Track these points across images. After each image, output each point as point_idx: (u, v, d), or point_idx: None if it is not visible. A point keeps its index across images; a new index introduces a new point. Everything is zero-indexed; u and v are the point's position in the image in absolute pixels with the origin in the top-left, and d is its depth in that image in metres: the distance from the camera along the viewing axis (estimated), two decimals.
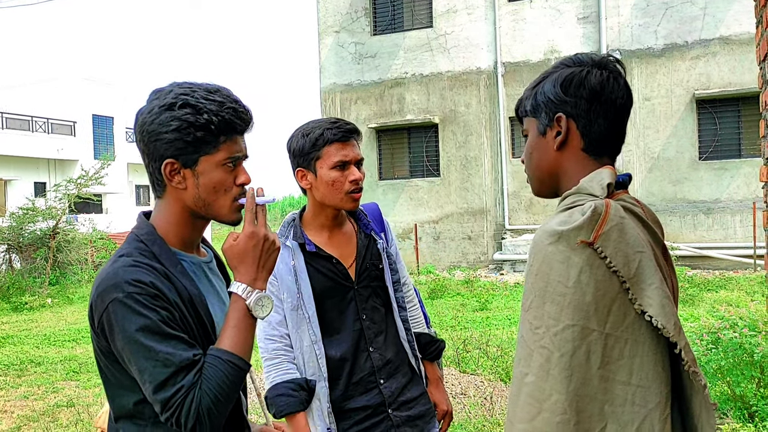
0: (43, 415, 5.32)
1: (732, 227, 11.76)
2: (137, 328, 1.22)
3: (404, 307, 2.19)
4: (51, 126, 27.27)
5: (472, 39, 13.64)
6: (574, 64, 1.28)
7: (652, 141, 12.20)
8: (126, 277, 1.25)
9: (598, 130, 1.26)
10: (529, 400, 1.12)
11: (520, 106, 1.37)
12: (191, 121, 1.31)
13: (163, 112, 1.31)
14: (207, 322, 1.37)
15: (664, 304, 1.10)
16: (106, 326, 1.26)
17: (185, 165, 1.33)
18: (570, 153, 1.28)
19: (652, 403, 1.11)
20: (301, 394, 2.00)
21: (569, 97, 1.25)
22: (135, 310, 1.23)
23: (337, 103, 14.84)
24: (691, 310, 7.85)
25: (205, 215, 1.39)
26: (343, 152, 2.00)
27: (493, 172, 13.52)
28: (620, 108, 1.26)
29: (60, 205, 14.07)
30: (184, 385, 1.22)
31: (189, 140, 1.31)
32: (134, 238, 1.37)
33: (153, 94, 1.38)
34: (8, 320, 10.56)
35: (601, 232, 1.11)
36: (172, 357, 1.22)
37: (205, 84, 1.38)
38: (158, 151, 1.33)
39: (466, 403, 4.95)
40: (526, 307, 1.16)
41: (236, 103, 1.37)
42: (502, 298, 9.98)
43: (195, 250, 1.47)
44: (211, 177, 1.35)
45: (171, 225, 1.39)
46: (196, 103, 1.32)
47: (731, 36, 11.65)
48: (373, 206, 2.31)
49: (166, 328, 1.25)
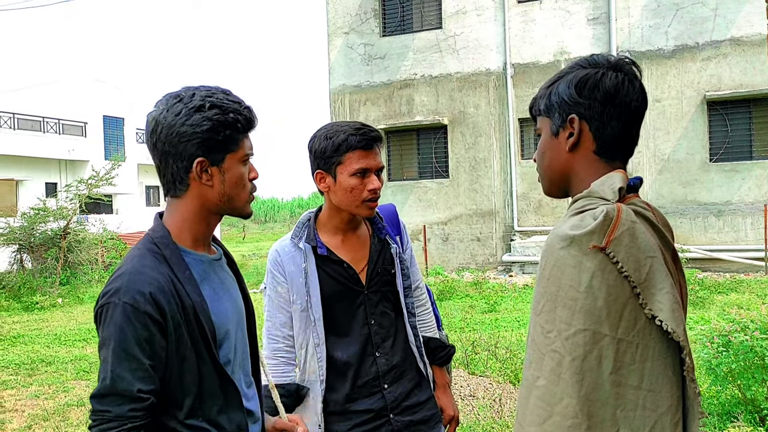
0: (53, 414, 5.36)
1: (743, 230, 11.68)
2: (113, 337, 1.30)
3: (414, 313, 2.19)
4: (62, 127, 27.43)
5: (481, 40, 13.62)
6: (589, 66, 1.28)
7: (663, 143, 12.14)
8: (129, 285, 1.32)
9: (611, 132, 1.25)
10: (539, 404, 1.12)
11: (534, 105, 1.37)
12: (222, 120, 1.40)
13: (193, 114, 1.38)
14: (207, 330, 1.40)
15: (674, 309, 1.10)
16: (98, 319, 1.35)
17: (213, 163, 1.42)
18: (582, 155, 1.27)
19: (663, 407, 1.10)
20: (288, 401, 2.02)
21: (583, 99, 1.25)
22: (120, 320, 1.30)
23: (346, 105, 14.86)
24: (702, 313, 7.81)
25: (226, 209, 1.48)
26: (365, 160, 1.98)
27: (502, 174, 13.50)
28: (634, 111, 1.26)
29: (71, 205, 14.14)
30: (111, 411, 1.28)
31: (219, 139, 1.40)
32: (149, 240, 1.43)
33: (171, 97, 1.42)
34: (19, 320, 10.63)
35: (612, 237, 1.11)
36: (119, 381, 1.29)
37: (218, 87, 1.46)
38: (188, 150, 1.39)
39: (475, 405, 4.94)
40: (538, 311, 1.16)
41: (246, 103, 1.48)
42: (511, 299, 9.96)
43: (206, 248, 1.52)
44: (235, 173, 1.45)
45: (187, 222, 1.46)
46: (221, 104, 1.41)
47: (742, 37, 11.58)
48: (390, 207, 2.29)
49: (137, 350, 1.30)
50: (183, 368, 1.37)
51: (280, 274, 2.08)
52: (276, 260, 2.09)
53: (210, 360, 1.40)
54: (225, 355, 1.46)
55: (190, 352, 1.37)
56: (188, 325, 1.37)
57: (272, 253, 2.12)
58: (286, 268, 2.07)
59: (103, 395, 1.29)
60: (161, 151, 1.41)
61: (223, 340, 1.46)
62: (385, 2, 14.62)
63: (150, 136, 1.42)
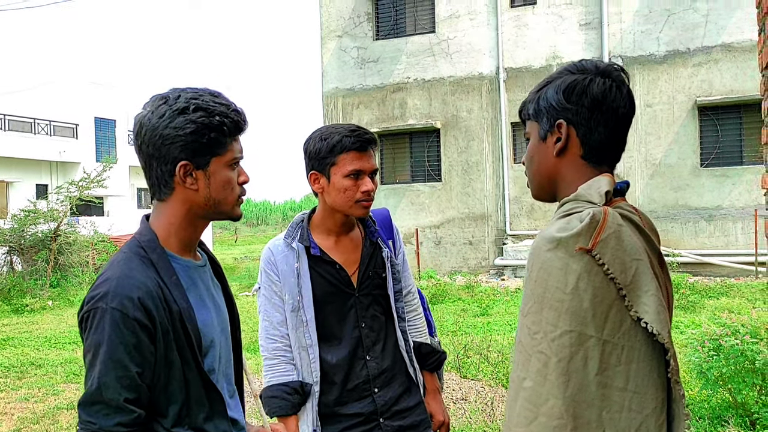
0: (43, 418, 5.32)
1: (733, 234, 11.75)
2: (102, 342, 1.26)
3: (404, 318, 2.18)
4: (53, 128, 27.32)
5: (474, 44, 13.67)
6: (577, 71, 1.29)
7: (654, 148, 12.20)
8: (117, 290, 1.28)
9: (598, 138, 1.26)
10: (526, 405, 1.12)
11: (523, 109, 1.38)
12: (206, 123, 1.36)
13: (177, 116, 1.35)
14: (193, 337, 1.38)
15: (659, 311, 1.11)
16: (82, 325, 1.31)
17: (198, 167, 1.38)
18: (569, 159, 1.28)
19: (648, 409, 1.11)
20: (294, 398, 2.01)
21: (571, 105, 1.26)
22: (110, 325, 1.26)
23: (339, 108, 14.87)
24: (693, 317, 7.84)
25: (213, 213, 1.44)
26: (359, 162, 1.99)
27: (495, 178, 13.53)
28: (622, 117, 1.26)
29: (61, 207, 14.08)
30: (96, 423, 1.25)
31: (204, 142, 1.36)
32: (136, 244, 1.40)
33: (157, 99, 1.39)
34: (9, 322, 10.56)
35: (599, 240, 1.12)
36: (106, 389, 1.25)
37: (206, 88, 1.43)
38: (171, 153, 1.36)
39: (467, 408, 4.95)
40: (525, 312, 1.17)
41: (236, 106, 1.44)
42: (503, 303, 9.97)
43: (192, 254, 1.49)
44: (221, 177, 1.41)
45: (173, 227, 1.42)
46: (206, 106, 1.37)
47: (733, 43, 11.67)
48: (383, 212, 2.30)
49: (126, 357, 1.27)
50: (170, 375, 1.34)
51: (273, 273, 2.07)
52: (269, 259, 2.09)
53: (196, 368, 1.38)
54: (210, 363, 1.44)
55: (176, 358, 1.35)
56: (175, 332, 1.34)
57: (265, 252, 2.11)
58: (279, 267, 2.06)
59: (90, 403, 1.26)
60: (146, 154, 1.38)
61: (209, 348, 1.44)
62: (378, 6, 14.65)
63: (136, 139, 1.40)
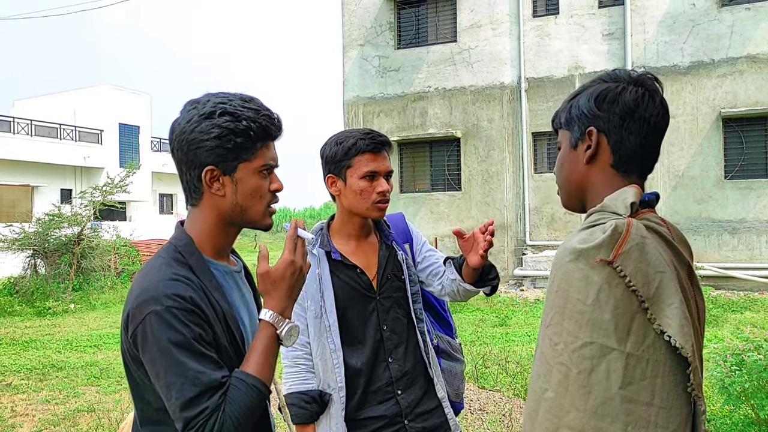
0: (64, 420, 5.38)
1: (758, 248, 11.57)
2: (172, 343, 1.24)
3: (422, 319, 2.20)
4: (78, 134, 27.74)
5: (496, 54, 13.65)
6: (610, 80, 1.29)
7: (677, 159, 12.08)
8: (166, 291, 1.27)
9: (629, 146, 1.25)
10: (547, 416, 1.11)
11: (555, 118, 1.38)
12: (231, 128, 1.34)
13: (203, 121, 1.35)
14: (238, 338, 1.38)
15: (683, 324, 1.10)
16: (140, 337, 1.27)
17: (225, 172, 1.37)
18: (599, 168, 1.28)
19: (673, 424, 1.09)
20: (312, 407, 2.03)
21: (602, 112, 1.26)
22: (171, 325, 1.24)
23: (360, 116, 14.92)
24: (715, 331, 7.73)
25: (241, 221, 1.42)
26: (374, 163, 2.05)
27: (515, 188, 13.47)
28: (653, 126, 1.25)
29: (85, 211, 14.25)
30: (209, 406, 1.23)
31: (229, 147, 1.35)
32: (173, 249, 1.39)
33: (189, 104, 1.41)
34: (31, 325, 10.70)
35: (621, 251, 1.10)
36: (201, 376, 1.23)
37: (239, 94, 1.42)
38: (198, 158, 1.35)
39: (485, 419, 4.91)
40: (546, 323, 1.16)
41: (269, 111, 1.42)
42: (522, 314, 9.91)
43: (226, 259, 1.49)
44: (249, 183, 1.39)
45: (206, 233, 1.42)
46: (234, 111, 1.36)
47: (759, 54, 11.53)
48: (398, 216, 2.34)
49: (199, 346, 1.26)
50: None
51: None
52: None
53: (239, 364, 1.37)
54: None
55: (226, 357, 1.34)
56: (220, 333, 1.34)
57: None
58: None
59: (191, 400, 1.22)
60: (177, 159, 1.39)
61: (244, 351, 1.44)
62: (400, 15, 14.70)
63: (169, 143, 1.41)
